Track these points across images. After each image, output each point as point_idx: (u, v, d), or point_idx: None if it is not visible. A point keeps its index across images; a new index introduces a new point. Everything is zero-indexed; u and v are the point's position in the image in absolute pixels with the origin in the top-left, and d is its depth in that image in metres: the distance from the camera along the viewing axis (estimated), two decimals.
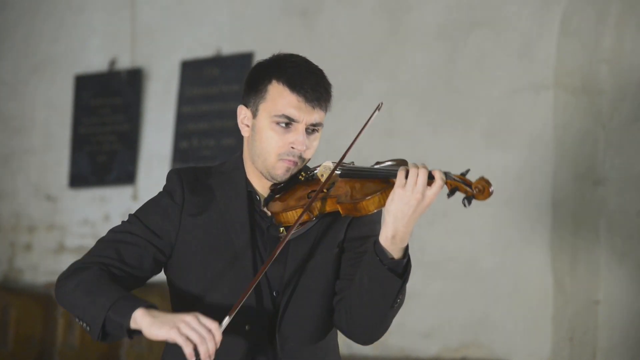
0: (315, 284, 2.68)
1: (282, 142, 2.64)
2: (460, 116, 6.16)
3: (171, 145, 7.49)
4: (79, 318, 2.59)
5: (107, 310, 2.52)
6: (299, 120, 2.64)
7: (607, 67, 6.03)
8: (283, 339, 2.64)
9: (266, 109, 2.66)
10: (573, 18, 5.96)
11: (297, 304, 2.66)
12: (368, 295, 2.58)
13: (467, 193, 2.52)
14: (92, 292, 2.57)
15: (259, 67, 2.72)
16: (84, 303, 2.57)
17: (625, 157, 5.96)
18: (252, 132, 2.70)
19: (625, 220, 5.92)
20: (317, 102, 2.65)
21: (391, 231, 2.53)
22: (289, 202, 2.65)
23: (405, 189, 2.50)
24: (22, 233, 8.21)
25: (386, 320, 2.64)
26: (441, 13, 6.33)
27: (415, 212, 2.51)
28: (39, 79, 8.24)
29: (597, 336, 5.96)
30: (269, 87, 2.66)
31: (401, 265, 2.57)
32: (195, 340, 2.42)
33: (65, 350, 7.27)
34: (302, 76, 2.65)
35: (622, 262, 5.91)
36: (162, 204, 2.73)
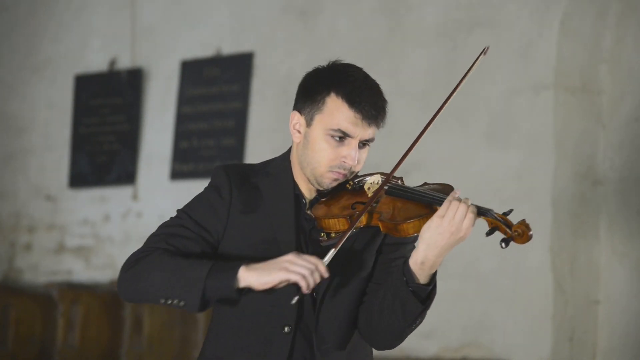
0: (354, 287, 2.69)
1: (334, 155, 2.65)
2: (460, 116, 6.16)
3: (171, 145, 7.49)
4: (167, 298, 2.56)
5: (204, 278, 2.52)
6: (354, 136, 2.65)
7: (607, 67, 6.03)
8: (320, 339, 2.66)
9: (322, 121, 2.67)
10: (573, 18, 5.96)
11: (335, 306, 2.67)
12: (388, 311, 2.61)
13: (506, 234, 2.56)
14: (175, 269, 2.56)
15: (317, 75, 2.72)
16: (170, 281, 2.55)
17: (625, 157, 5.95)
18: (304, 139, 2.70)
19: (625, 220, 5.92)
20: (374, 119, 2.68)
21: (422, 257, 2.56)
22: (332, 210, 2.66)
23: (443, 220, 2.53)
24: (22, 233, 8.21)
25: (402, 336, 2.67)
26: (441, 13, 6.33)
27: (447, 244, 2.55)
28: (39, 79, 8.24)
29: (597, 336, 5.96)
30: (327, 99, 2.67)
31: (426, 291, 2.61)
32: (305, 274, 2.49)
33: (65, 350, 7.27)
34: (362, 92, 2.66)
35: (622, 262, 5.91)
36: (210, 200, 2.70)
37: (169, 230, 2.67)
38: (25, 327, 7.45)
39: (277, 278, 2.51)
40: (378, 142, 6.73)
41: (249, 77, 7.18)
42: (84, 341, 7.26)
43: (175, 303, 2.56)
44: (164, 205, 7.20)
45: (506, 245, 2.55)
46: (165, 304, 2.57)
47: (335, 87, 2.66)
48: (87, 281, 7.74)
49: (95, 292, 7.47)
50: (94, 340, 7.27)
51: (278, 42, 7.04)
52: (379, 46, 6.54)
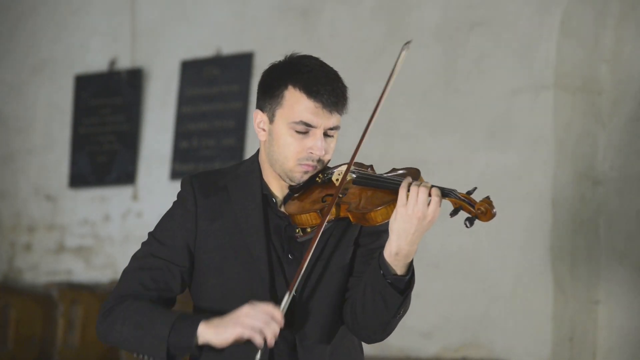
0: (332, 282, 2.70)
1: (300, 148, 2.66)
2: (460, 116, 6.16)
3: (171, 145, 7.49)
4: (137, 352, 2.63)
5: (167, 337, 2.57)
6: (317, 126, 2.65)
7: (607, 67, 6.03)
8: (301, 336, 2.66)
9: (283, 115, 2.67)
10: (573, 18, 5.96)
11: (315, 301, 2.68)
12: (370, 304, 2.61)
13: (470, 213, 2.52)
14: (142, 324, 2.62)
15: (273, 70, 2.73)
16: (138, 337, 2.61)
17: (625, 157, 5.95)
18: (270, 136, 2.70)
19: (625, 220, 5.92)
20: (335, 106, 2.66)
21: (395, 248, 2.54)
22: (304, 205, 2.66)
23: (406, 207, 2.51)
24: (22, 233, 8.21)
25: (389, 327, 2.66)
26: (441, 13, 6.33)
27: (417, 230, 2.52)
28: (39, 79, 8.23)
29: (597, 336, 5.96)
30: (285, 93, 2.67)
31: (403, 281, 2.58)
32: (261, 328, 2.50)
33: (65, 350, 7.27)
34: (319, 81, 2.65)
35: (622, 262, 5.91)
36: (176, 215, 2.74)
37: (140, 263, 2.71)
38: (25, 327, 7.44)
39: (232, 334, 2.52)
40: (378, 142, 6.71)
41: (249, 77, 7.18)
42: (84, 341, 7.26)
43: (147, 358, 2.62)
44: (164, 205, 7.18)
45: (470, 224, 2.52)
46: (138, 357, 2.64)
47: (292, 79, 2.67)
48: (87, 281, 7.74)
49: (95, 292, 7.46)
50: (94, 340, 7.26)
51: (278, 42, 7.03)
52: (379, 46, 6.53)
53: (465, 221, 2.52)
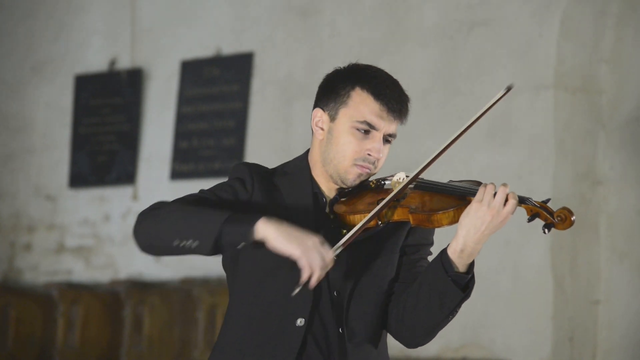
0: (378, 283, 2.69)
1: (359, 148, 2.67)
2: (460, 116, 6.16)
3: (171, 145, 7.49)
4: (180, 239, 2.53)
5: (222, 222, 2.50)
6: (379, 128, 2.69)
7: (607, 67, 6.03)
8: (350, 333, 2.65)
9: (347, 114, 2.69)
10: (573, 18, 5.96)
11: (360, 301, 2.67)
12: (424, 303, 2.62)
13: (547, 220, 2.57)
14: (195, 213, 2.55)
15: (340, 73, 2.75)
16: (186, 222, 2.53)
17: (625, 157, 5.95)
18: (328, 134, 2.71)
19: (625, 220, 5.92)
20: (399, 113, 2.74)
21: (461, 245, 2.56)
22: (357, 206, 2.66)
23: (481, 204, 2.55)
24: (22, 233, 8.20)
25: (437, 329, 2.69)
26: (441, 13, 6.33)
27: (487, 229, 2.54)
28: (39, 79, 8.23)
29: (597, 336, 5.96)
30: (352, 93, 2.70)
31: (465, 279, 2.60)
32: (314, 266, 2.49)
33: (65, 350, 7.27)
34: (387, 86, 2.72)
35: (622, 262, 5.91)
36: (234, 188, 2.68)
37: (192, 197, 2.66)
38: (25, 327, 7.44)
39: (288, 251, 2.50)
40: None
41: (249, 77, 7.18)
42: (84, 341, 7.26)
43: (189, 244, 2.52)
44: None
45: (548, 231, 2.57)
46: (179, 246, 2.54)
47: (360, 81, 2.70)
48: (87, 281, 7.74)
49: (95, 292, 7.47)
50: (94, 340, 7.27)
51: (278, 42, 7.03)
52: (379, 46, 6.53)
53: (544, 228, 2.57)
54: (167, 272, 7.34)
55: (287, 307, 2.61)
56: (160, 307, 7.03)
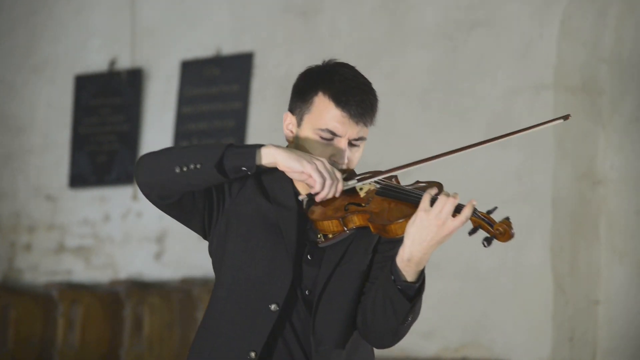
0: (351, 288, 2.69)
1: (323, 155, 2.66)
2: (460, 116, 6.16)
3: (171, 145, 7.49)
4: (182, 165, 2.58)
5: (224, 147, 2.56)
6: (342, 135, 2.67)
7: (607, 67, 6.03)
8: (317, 341, 2.66)
9: (310, 121, 2.69)
10: (573, 18, 5.96)
11: (332, 307, 2.67)
12: (380, 310, 2.60)
13: (488, 233, 2.52)
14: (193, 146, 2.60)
15: (308, 75, 2.74)
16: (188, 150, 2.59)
17: (625, 157, 5.96)
18: (296, 140, 2.72)
19: (625, 220, 5.92)
20: (361, 117, 2.68)
21: (407, 254, 2.54)
22: (327, 212, 2.66)
23: (428, 214, 2.50)
24: (22, 233, 8.20)
25: (398, 334, 2.66)
26: (441, 13, 6.33)
27: (433, 239, 2.51)
28: (39, 79, 8.23)
29: (597, 336, 5.96)
30: (315, 99, 2.69)
31: (413, 289, 2.57)
32: (327, 181, 2.56)
33: (65, 350, 7.26)
34: (349, 91, 2.67)
35: (622, 262, 5.91)
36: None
37: None
38: (25, 327, 7.44)
39: (302, 168, 2.56)
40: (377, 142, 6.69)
41: (249, 77, 7.18)
42: (84, 341, 7.26)
43: (192, 168, 2.56)
44: None
45: (488, 244, 2.52)
46: (181, 171, 2.57)
47: (322, 86, 2.68)
48: (87, 281, 7.74)
49: (95, 292, 7.46)
50: (94, 340, 7.27)
51: (278, 42, 7.04)
52: (379, 46, 6.54)
53: (484, 241, 2.52)
54: (167, 272, 7.34)
55: (264, 291, 2.63)
56: (160, 307, 7.03)
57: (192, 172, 2.57)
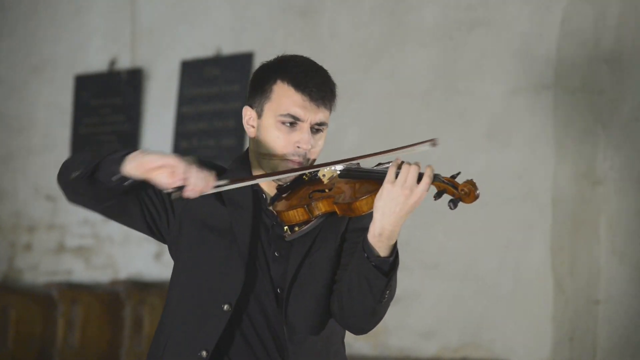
0: (319, 276, 2.71)
1: (287, 142, 2.68)
2: (460, 116, 6.16)
3: (171, 145, 7.49)
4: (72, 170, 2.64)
5: (105, 156, 2.59)
6: (304, 120, 2.68)
7: (607, 67, 6.03)
8: (291, 329, 2.67)
9: (271, 109, 2.70)
10: (573, 18, 5.96)
11: (303, 296, 2.69)
12: (356, 290, 2.61)
13: (453, 195, 2.53)
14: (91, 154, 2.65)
15: (263, 67, 2.77)
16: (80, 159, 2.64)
17: (625, 157, 5.95)
18: (258, 132, 2.73)
19: (625, 220, 5.92)
20: (322, 101, 2.69)
21: (378, 228, 2.55)
22: (292, 202, 2.68)
23: (394, 185, 2.52)
24: (22, 233, 8.21)
25: (376, 314, 2.66)
26: (441, 13, 6.33)
27: (402, 210, 2.52)
28: (39, 79, 8.24)
29: (597, 336, 5.96)
30: (274, 87, 2.71)
31: (387, 263, 2.58)
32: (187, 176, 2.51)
33: (65, 350, 7.27)
34: (307, 76, 2.69)
35: (622, 262, 5.91)
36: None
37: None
38: (25, 327, 7.44)
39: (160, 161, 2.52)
40: (377, 142, 6.70)
41: (249, 77, 7.17)
42: (84, 341, 7.26)
43: (75, 174, 2.63)
44: None
45: (454, 206, 2.53)
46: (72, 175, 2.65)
47: (280, 74, 2.71)
48: (87, 281, 7.74)
49: (95, 292, 7.47)
50: (94, 340, 7.27)
51: (278, 42, 7.03)
52: (379, 46, 6.53)
53: (449, 203, 2.53)
54: (167, 272, 7.33)
55: (216, 292, 2.65)
56: (160, 307, 7.02)
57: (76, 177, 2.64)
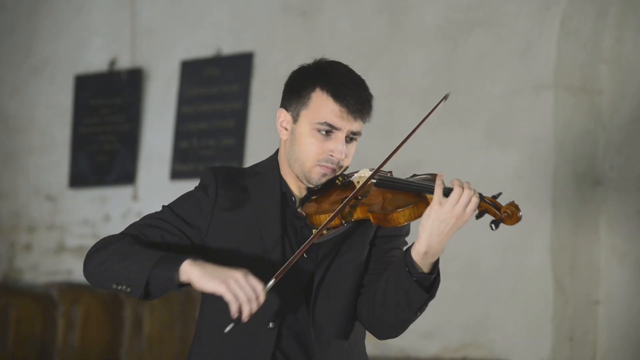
0: (347, 280, 2.71)
1: (321, 149, 2.69)
2: (460, 116, 6.16)
3: (171, 145, 7.49)
4: (116, 283, 2.63)
5: (150, 268, 2.57)
6: (340, 129, 2.69)
7: (607, 67, 6.03)
8: (318, 331, 2.68)
9: (308, 116, 2.70)
10: (573, 18, 5.96)
11: (330, 298, 2.69)
12: (392, 302, 2.63)
13: (495, 216, 2.56)
14: (130, 256, 2.63)
15: (302, 72, 2.78)
16: (121, 267, 2.62)
17: (625, 157, 5.96)
18: (292, 136, 2.73)
19: (625, 220, 5.92)
20: (359, 113, 2.71)
21: (424, 247, 2.57)
22: (323, 205, 2.68)
23: (443, 206, 2.53)
24: (22, 233, 8.21)
25: (406, 325, 2.70)
26: (441, 13, 6.33)
27: (451, 230, 2.55)
28: (39, 79, 8.24)
29: (597, 336, 5.96)
30: (312, 95, 2.71)
31: (429, 280, 2.62)
32: (242, 300, 2.50)
33: (65, 350, 7.27)
34: (347, 87, 2.70)
35: (622, 262, 5.91)
36: (196, 197, 2.76)
37: (149, 221, 2.75)
38: (25, 327, 7.44)
39: (215, 289, 2.54)
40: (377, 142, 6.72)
41: (249, 77, 7.18)
42: (84, 341, 7.26)
43: (123, 289, 2.63)
44: None
45: (496, 227, 2.56)
46: (116, 289, 2.64)
47: (320, 82, 2.71)
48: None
49: (95, 292, 7.46)
50: (94, 340, 7.27)
51: (278, 42, 7.04)
52: (379, 46, 6.54)
53: (491, 224, 2.56)
54: None
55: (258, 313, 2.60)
56: (160, 307, 7.03)
57: (125, 291, 2.63)
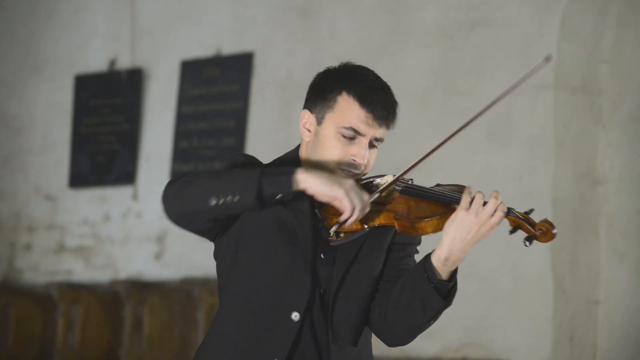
0: (364, 284, 2.70)
1: (344, 153, 2.67)
2: (460, 116, 6.16)
3: (171, 145, 7.49)
4: (218, 197, 2.54)
5: (258, 177, 2.53)
6: (365, 134, 2.68)
7: (607, 67, 6.03)
8: (335, 334, 2.66)
9: (333, 119, 2.68)
10: (573, 18, 5.96)
11: (348, 303, 2.68)
12: (407, 307, 2.63)
13: (529, 233, 2.56)
14: (225, 173, 2.58)
15: (329, 75, 2.74)
16: (220, 181, 2.55)
17: (625, 157, 5.96)
18: (315, 138, 2.71)
19: (625, 220, 5.92)
20: (385, 120, 2.71)
21: (445, 253, 2.57)
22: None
23: (468, 213, 2.54)
24: (22, 233, 8.20)
25: (417, 332, 2.71)
26: (441, 13, 6.33)
27: (473, 238, 2.54)
28: (39, 79, 8.23)
29: (597, 336, 5.96)
30: (339, 98, 2.69)
31: (447, 287, 2.61)
32: (356, 205, 2.54)
33: (65, 350, 7.27)
34: (373, 92, 2.70)
35: (622, 262, 5.91)
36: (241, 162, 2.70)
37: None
38: (25, 327, 7.45)
39: (334, 194, 2.54)
40: None
41: (249, 77, 7.18)
42: (84, 341, 7.26)
43: (229, 200, 2.53)
44: None
45: (530, 244, 2.56)
46: (217, 204, 2.54)
47: (347, 86, 2.69)
48: (87, 281, 7.74)
49: (95, 292, 7.47)
50: (94, 340, 7.27)
51: (278, 42, 7.04)
52: (379, 46, 6.54)
53: (525, 240, 2.56)
54: (167, 272, 7.34)
55: (283, 300, 2.61)
56: (160, 307, 7.03)
57: (230, 203, 2.55)
